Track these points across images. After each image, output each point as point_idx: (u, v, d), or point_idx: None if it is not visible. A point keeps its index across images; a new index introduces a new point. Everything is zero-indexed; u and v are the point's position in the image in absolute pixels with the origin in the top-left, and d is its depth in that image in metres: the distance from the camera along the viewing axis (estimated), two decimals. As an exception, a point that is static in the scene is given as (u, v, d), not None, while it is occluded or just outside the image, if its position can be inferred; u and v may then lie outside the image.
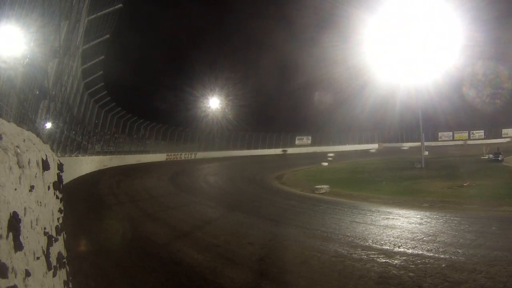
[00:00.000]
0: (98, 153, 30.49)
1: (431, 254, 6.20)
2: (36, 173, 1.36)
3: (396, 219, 9.43)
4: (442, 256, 6.08)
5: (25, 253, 1.05)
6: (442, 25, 30.59)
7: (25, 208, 1.14)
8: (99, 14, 18.13)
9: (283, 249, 6.94)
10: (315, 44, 45.45)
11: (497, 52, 39.61)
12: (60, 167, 2.20)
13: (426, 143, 36.65)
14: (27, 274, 1.03)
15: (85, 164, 24.00)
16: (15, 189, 1.07)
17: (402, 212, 10.36)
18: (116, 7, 18.92)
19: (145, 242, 7.63)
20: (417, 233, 7.74)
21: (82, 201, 12.73)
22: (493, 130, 58.51)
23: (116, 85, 31.45)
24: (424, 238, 7.27)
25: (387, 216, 9.78)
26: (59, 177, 2.11)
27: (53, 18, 10.17)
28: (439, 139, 61.30)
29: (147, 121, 42.46)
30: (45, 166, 1.53)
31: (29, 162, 1.23)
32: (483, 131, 60.24)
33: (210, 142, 50.41)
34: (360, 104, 45.79)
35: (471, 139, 58.67)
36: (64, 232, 2.11)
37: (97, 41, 20.29)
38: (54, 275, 1.42)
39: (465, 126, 59.76)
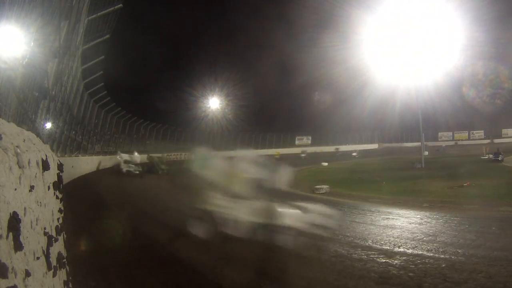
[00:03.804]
0: (98, 153, 30.46)
1: (431, 254, 6.20)
2: (36, 173, 1.36)
3: (396, 219, 9.43)
4: (442, 256, 6.08)
5: (25, 253, 1.05)
6: (442, 25, 30.64)
7: (25, 208, 1.14)
8: (99, 14, 18.12)
9: (283, 249, 6.94)
10: (315, 44, 45.36)
11: (497, 52, 39.57)
12: (60, 167, 2.20)
13: (425, 143, 36.59)
14: (27, 274, 1.03)
15: (85, 164, 23.98)
16: (15, 189, 1.07)
17: (402, 212, 10.36)
18: (116, 7, 18.92)
19: (145, 242, 7.62)
20: (417, 233, 7.74)
21: (82, 201, 12.71)
22: (493, 130, 58.47)
23: (116, 85, 31.40)
24: (424, 238, 7.27)
25: (387, 216, 9.78)
26: (59, 177, 2.11)
27: (53, 18, 10.17)
28: (439, 139, 61.26)
29: (147, 121, 42.48)
30: (45, 166, 1.52)
31: (29, 162, 1.23)
32: (483, 131, 60.21)
33: (210, 142, 50.42)
34: (360, 104, 45.72)
35: (472, 139, 58.64)
36: (64, 232, 2.11)
37: (97, 41, 20.28)
38: (54, 275, 1.42)
39: (465, 126, 59.74)
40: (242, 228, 7.08)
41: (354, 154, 42.50)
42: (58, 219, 1.88)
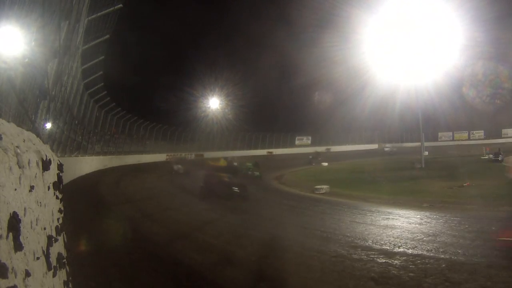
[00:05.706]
0: (98, 153, 30.45)
1: (431, 254, 6.20)
2: (36, 173, 1.36)
3: (396, 219, 9.43)
4: (442, 256, 6.08)
5: (25, 253, 1.05)
6: (442, 25, 30.63)
7: (25, 208, 1.14)
8: (99, 14, 18.12)
9: (283, 249, 6.94)
10: (315, 44, 45.35)
11: (497, 52, 39.52)
12: (60, 167, 2.20)
13: (426, 143, 36.56)
14: (27, 274, 1.03)
15: (85, 164, 23.98)
16: (15, 190, 1.07)
17: (402, 212, 10.35)
18: (116, 7, 18.92)
19: (145, 242, 7.63)
20: (417, 233, 7.74)
21: (82, 201, 12.71)
22: (493, 130, 58.44)
23: (116, 85, 31.42)
24: (424, 238, 7.27)
25: (387, 216, 9.78)
26: (59, 177, 2.10)
27: (53, 18, 10.17)
28: (439, 139, 61.29)
29: (147, 121, 42.42)
30: (45, 166, 1.52)
31: (29, 162, 1.23)
32: (483, 131, 60.19)
33: (210, 142, 50.40)
34: (360, 104, 45.65)
35: (471, 139, 58.60)
36: (64, 232, 2.11)
37: (97, 41, 20.28)
38: (54, 275, 1.42)
39: (465, 126, 59.74)
40: None
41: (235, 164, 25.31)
42: (58, 219, 1.88)
